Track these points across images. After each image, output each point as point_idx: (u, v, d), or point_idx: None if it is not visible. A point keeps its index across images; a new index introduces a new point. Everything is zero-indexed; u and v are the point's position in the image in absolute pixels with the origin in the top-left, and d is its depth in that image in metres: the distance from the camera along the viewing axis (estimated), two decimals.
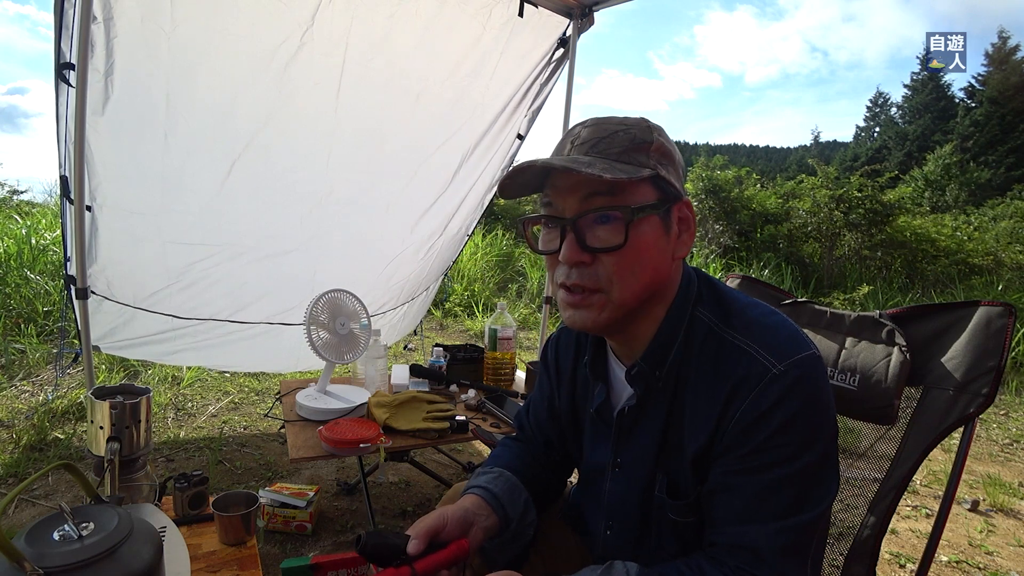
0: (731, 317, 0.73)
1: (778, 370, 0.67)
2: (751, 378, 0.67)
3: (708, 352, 0.72)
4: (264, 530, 1.89)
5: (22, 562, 0.65)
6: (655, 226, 0.71)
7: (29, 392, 3.02)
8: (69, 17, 1.71)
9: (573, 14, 2.50)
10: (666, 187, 0.71)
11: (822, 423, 0.68)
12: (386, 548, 0.69)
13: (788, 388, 0.66)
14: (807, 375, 0.67)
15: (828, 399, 0.70)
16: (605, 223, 0.69)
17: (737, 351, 0.70)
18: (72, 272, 2.01)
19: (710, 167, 9.14)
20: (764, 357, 0.68)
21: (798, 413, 0.66)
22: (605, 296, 0.71)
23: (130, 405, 1.12)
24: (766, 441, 0.66)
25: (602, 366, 0.85)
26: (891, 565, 2.03)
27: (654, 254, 0.71)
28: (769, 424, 0.66)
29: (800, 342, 0.70)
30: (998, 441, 3.44)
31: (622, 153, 0.69)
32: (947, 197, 14.63)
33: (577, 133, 0.73)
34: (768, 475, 0.66)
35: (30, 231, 5.02)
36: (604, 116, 0.74)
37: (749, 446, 0.67)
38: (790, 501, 0.66)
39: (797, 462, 0.66)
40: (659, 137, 0.72)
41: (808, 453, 0.66)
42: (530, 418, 1.02)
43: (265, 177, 2.29)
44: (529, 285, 6.63)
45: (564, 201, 0.71)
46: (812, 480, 0.67)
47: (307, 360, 2.85)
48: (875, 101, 34.59)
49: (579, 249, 0.70)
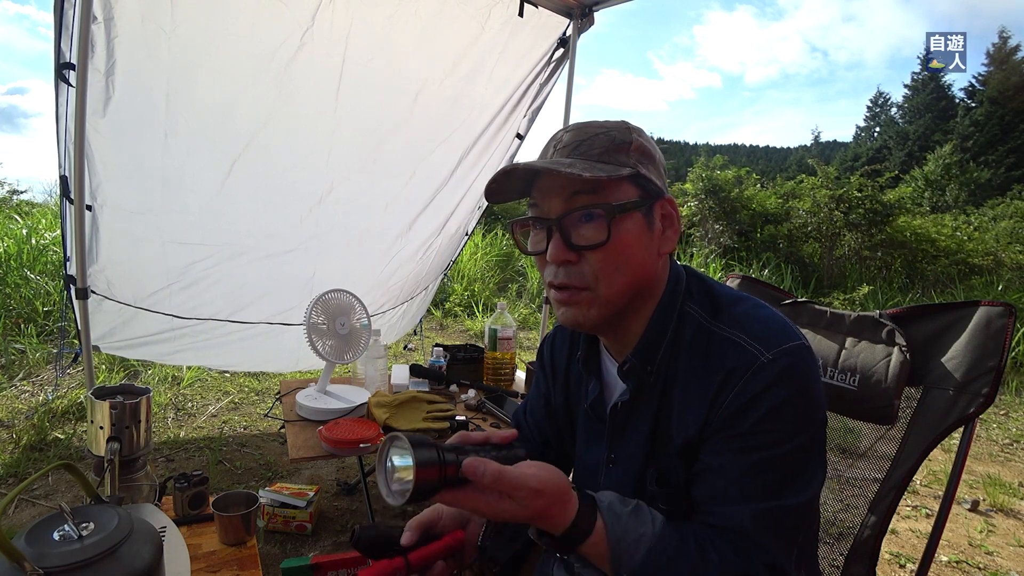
0: (720, 311, 0.75)
1: (767, 358, 0.68)
2: (740, 367, 0.69)
3: (698, 346, 0.74)
4: (264, 530, 1.89)
5: (22, 562, 0.65)
6: (638, 223, 0.72)
7: (29, 392, 3.02)
8: (69, 17, 1.71)
9: (573, 14, 2.50)
10: (647, 184, 0.73)
11: (810, 411, 0.69)
12: (380, 540, 0.70)
13: (777, 376, 0.67)
14: (796, 364, 0.68)
15: (817, 389, 0.70)
16: (589, 221, 0.71)
17: (726, 343, 0.71)
18: (72, 272, 2.01)
19: (710, 167, 9.14)
20: (753, 346, 0.69)
21: (787, 400, 0.67)
22: (592, 293, 0.73)
23: (130, 405, 1.12)
24: (754, 426, 0.67)
25: (595, 362, 0.86)
26: (891, 565, 2.03)
27: (638, 250, 0.73)
28: (757, 410, 0.67)
29: (789, 332, 0.71)
30: (998, 441, 3.44)
31: (603, 154, 0.72)
32: (947, 197, 14.63)
33: (559, 138, 0.75)
34: (753, 456, 0.67)
35: (30, 231, 5.03)
36: (585, 121, 0.77)
37: (736, 429, 0.68)
38: (775, 483, 0.67)
39: (783, 447, 0.67)
40: (638, 137, 0.74)
41: (795, 440, 0.67)
42: (527, 417, 1.03)
43: (265, 177, 2.29)
44: (529, 285, 6.63)
45: (549, 202, 0.73)
46: (798, 466, 0.68)
47: (307, 360, 2.85)
48: (875, 101, 34.58)
49: (565, 248, 0.72)
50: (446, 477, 0.58)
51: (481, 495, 0.60)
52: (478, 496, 0.60)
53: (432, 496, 0.58)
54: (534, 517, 0.62)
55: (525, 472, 0.61)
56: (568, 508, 0.63)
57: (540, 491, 0.60)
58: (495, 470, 0.59)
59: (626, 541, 0.64)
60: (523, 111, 2.75)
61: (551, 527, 0.63)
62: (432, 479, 0.57)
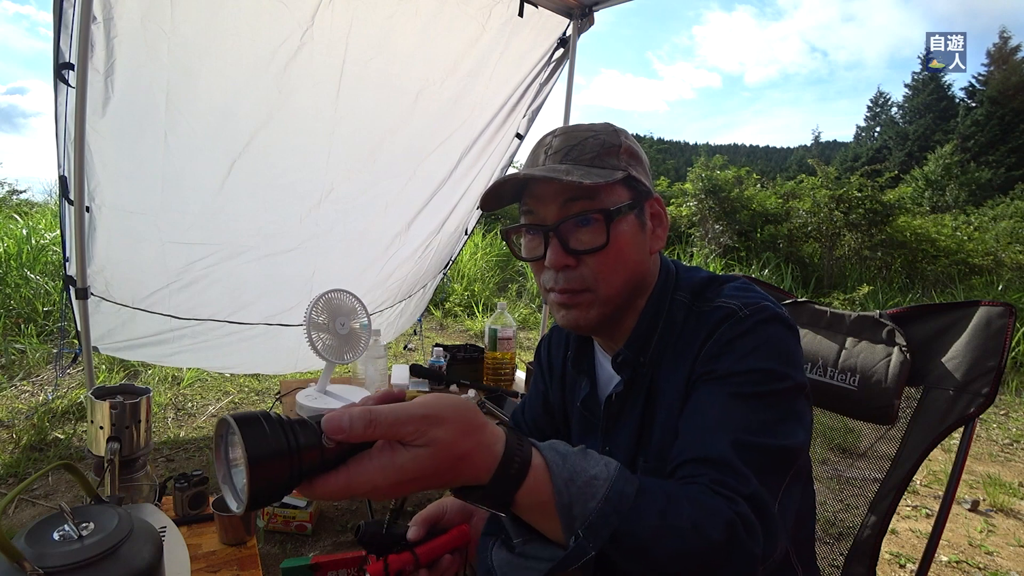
0: (705, 292, 0.77)
1: (744, 313, 0.70)
2: (718, 320, 0.71)
3: (687, 328, 0.75)
4: (264, 530, 1.89)
5: (22, 562, 0.65)
6: (632, 224, 0.75)
7: (29, 392, 3.02)
8: (68, 17, 1.71)
9: (573, 14, 2.50)
10: (638, 186, 0.75)
11: (788, 361, 0.68)
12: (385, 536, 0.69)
13: (754, 324, 0.69)
14: (773, 318, 0.70)
15: (796, 348, 0.71)
16: (586, 226, 0.72)
17: (709, 311, 0.73)
18: (71, 272, 2.01)
19: (710, 167, 9.14)
20: (731, 304, 0.72)
21: (763, 344, 0.68)
22: (592, 294, 0.74)
23: (130, 405, 1.12)
24: (732, 365, 0.68)
25: (587, 361, 0.88)
26: (891, 565, 2.03)
27: (633, 250, 0.75)
28: (734, 352, 0.68)
29: (769, 301, 0.72)
30: (998, 441, 3.43)
31: (595, 158, 0.73)
32: (947, 197, 14.63)
33: (548, 143, 0.77)
34: (732, 391, 0.66)
35: (30, 231, 5.03)
36: (571, 125, 0.78)
37: (716, 372, 0.69)
38: (756, 421, 0.64)
39: (762, 387, 0.66)
40: (626, 140, 0.76)
41: (773, 383, 0.66)
42: (526, 416, 1.04)
43: (265, 176, 2.29)
44: (529, 285, 6.63)
45: (545, 208, 0.74)
46: (778, 411, 0.65)
47: (306, 361, 2.85)
48: (875, 101, 34.59)
49: (563, 253, 0.73)
50: (304, 464, 0.42)
51: (363, 464, 0.45)
52: (361, 468, 0.44)
53: (291, 492, 0.43)
54: (448, 465, 0.47)
55: (406, 405, 0.47)
56: (487, 441, 0.49)
57: (436, 418, 0.46)
58: (362, 412, 0.44)
59: (576, 484, 0.51)
60: (523, 111, 2.75)
61: (473, 474, 0.48)
62: (279, 473, 0.41)
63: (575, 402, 0.90)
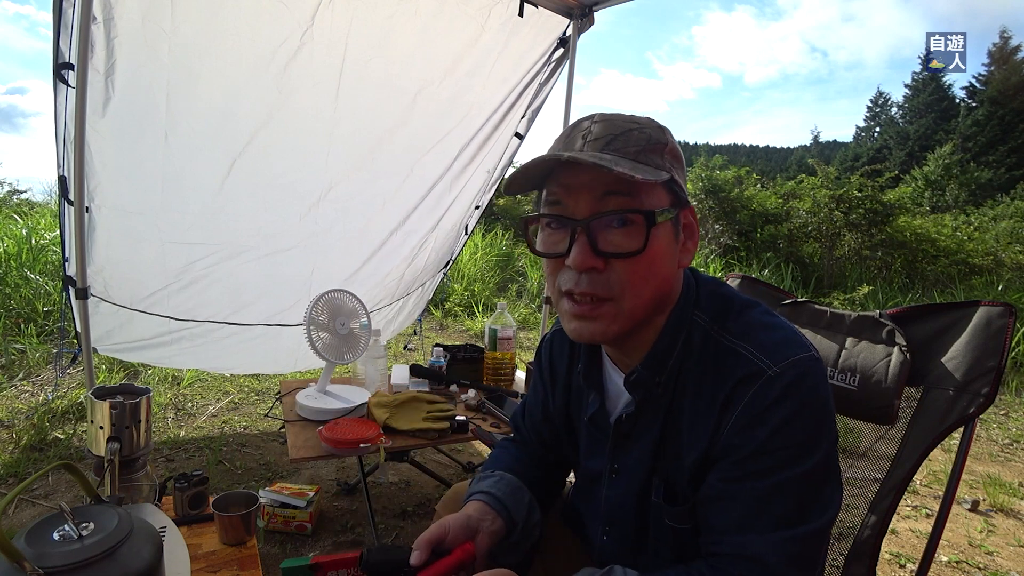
0: (727, 319, 0.72)
1: (774, 372, 0.65)
2: (747, 380, 0.66)
3: (706, 356, 0.71)
4: (264, 530, 1.88)
5: (22, 562, 0.65)
6: (668, 232, 0.68)
7: (29, 392, 3.02)
8: (68, 17, 1.71)
9: (573, 14, 2.50)
10: (679, 192, 0.68)
11: (821, 426, 0.66)
12: (390, 563, 0.69)
13: (784, 389, 0.64)
14: (804, 376, 0.65)
15: (828, 402, 0.67)
16: (623, 227, 0.65)
17: (734, 354, 0.68)
18: (71, 272, 2.01)
19: (710, 167, 9.14)
20: (760, 359, 0.66)
21: (796, 414, 0.64)
22: (615, 305, 0.67)
23: (130, 405, 1.12)
24: (764, 444, 0.64)
25: (596, 374, 0.83)
26: (891, 565, 2.03)
27: (665, 262, 0.68)
28: (766, 425, 0.64)
29: (798, 344, 0.68)
30: (998, 441, 3.43)
31: (639, 153, 0.65)
32: (947, 197, 14.63)
33: (587, 128, 0.68)
34: (768, 480, 0.64)
35: (30, 231, 5.02)
36: (610, 112, 0.71)
37: (747, 449, 0.65)
38: (793, 508, 0.63)
39: (797, 467, 0.63)
40: (671, 139, 0.70)
41: (808, 457, 0.64)
42: (526, 420, 1.02)
43: (265, 176, 2.29)
44: (529, 285, 6.63)
45: (576, 200, 0.66)
46: (814, 487, 0.64)
47: (305, 361, 2.85)
48: (876, 101, 34.60)
49: (591, 253, 0.65)
50: None
51: None
52: None
53: None
54: None
55: None
56: None
57: None
58: None
59: None
60: (522, 111, 2.74)
61: None
62: None
63: (582, 416, 0.86)
